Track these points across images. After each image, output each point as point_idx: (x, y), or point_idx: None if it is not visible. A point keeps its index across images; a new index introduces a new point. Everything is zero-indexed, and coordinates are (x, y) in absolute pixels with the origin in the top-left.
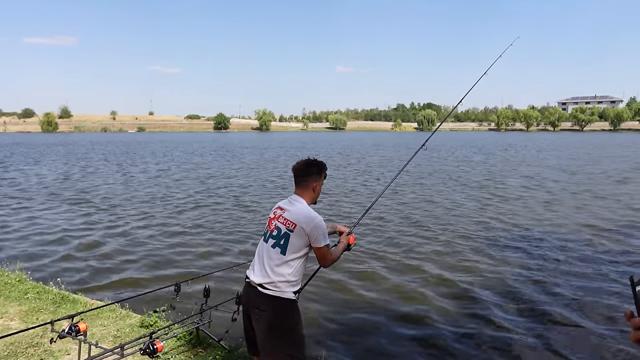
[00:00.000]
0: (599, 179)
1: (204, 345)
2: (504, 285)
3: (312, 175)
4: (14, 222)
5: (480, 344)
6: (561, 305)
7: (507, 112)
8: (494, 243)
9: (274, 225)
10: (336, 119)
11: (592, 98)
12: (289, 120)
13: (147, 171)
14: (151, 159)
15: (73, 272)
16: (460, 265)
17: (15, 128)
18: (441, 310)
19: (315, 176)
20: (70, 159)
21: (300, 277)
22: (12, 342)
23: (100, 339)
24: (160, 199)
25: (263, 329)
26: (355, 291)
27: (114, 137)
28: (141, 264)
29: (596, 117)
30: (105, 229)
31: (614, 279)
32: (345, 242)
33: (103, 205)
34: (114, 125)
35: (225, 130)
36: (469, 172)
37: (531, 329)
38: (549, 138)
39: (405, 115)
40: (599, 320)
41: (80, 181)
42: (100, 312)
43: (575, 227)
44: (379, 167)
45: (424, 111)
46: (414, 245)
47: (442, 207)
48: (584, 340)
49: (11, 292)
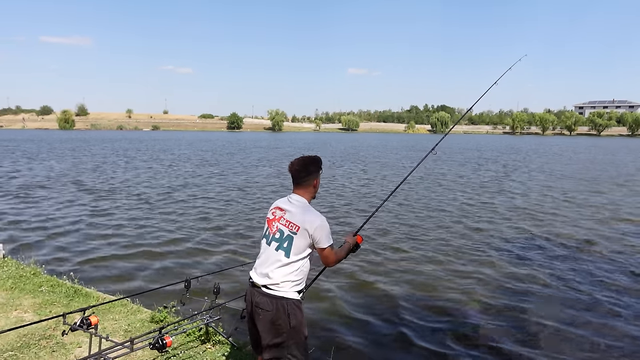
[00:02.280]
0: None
1: (213, 342)
2: (505, 283)
3: (312, 174)
4: (29, 214)
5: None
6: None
7: (523, 116)
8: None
9: (276, 228)
10: (349, 120)
11: (610, 102)
12: (302, 121)
13: (169, 167)
14: (175, 155)
15: (86, 266)
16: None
17: (34, 125)
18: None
19: (315, 174)
20: (89, 153)
21: (304, 277)
22: (25, 334)
23: (111, 332)
24: (177, 197)
25: (266, 328)
26: (362, 289)
27: (131, 135)
28: (153, 260)
29: (614, 122)
30: (119, 224)
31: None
32: (351, 242)
33: (121, 199)
34: (130, 123)
35: (238, 129)
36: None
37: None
38: (559, 142)
39: (419, 117)
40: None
41: (103, 176)
42: (111, 306)
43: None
44: (386, 169)
45: (437, 113)
46: (422, 241)
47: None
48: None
49: (26, 284)
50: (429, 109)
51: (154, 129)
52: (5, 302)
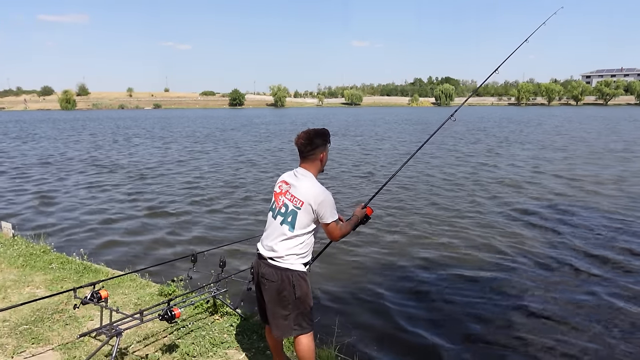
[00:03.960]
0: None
1: (221, 313)
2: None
3: (318, 147)
4: (39, 193)
5: (497, 318)
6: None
7: (529, 86)
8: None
9: (282, 202)
10: (352, 95)
11: (618, 71)
12: (304, 96)
13: (177, 145)
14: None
15: (94, 243)
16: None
17: (36, 106)
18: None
19: (321, 147)
20: (97, 132)
21: (309, 250)
22: (38, 309)
23: (121, 306)
24: (184, 173)
25: (272, 299)
26: (368, 260)
27: (134, 113)
28: (160, 236)
29: (621, 91)
30: (126, 201)
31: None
32: (360, 215)
33: (128, 176)
34: (131, 102)
35: (240, 106)
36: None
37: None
38: (558, 113)
39: (423, 90)
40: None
41: (108, 153)
42: (120, 281)
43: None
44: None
45: (441, 86)
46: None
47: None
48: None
49: (36, 262)
50: (433, 81)
51: (155, 108)
52: (17, 279)
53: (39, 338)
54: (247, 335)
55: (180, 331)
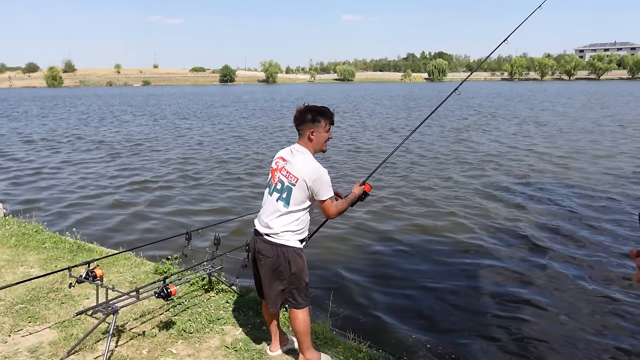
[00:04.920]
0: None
1: (216, 290)
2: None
3: (306, 122)
4: (27, 171)
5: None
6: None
7: (522, 61)
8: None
9: (278, 178)
10: (344, 70)
11: (611, 45)
12: (296, 72)
13: (169, 121)
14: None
15: (87, 222)
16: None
17: (21, 83)
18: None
19: (310, 124)
20: (85, 108)
21: (305, 226)
22: (33, 288)
23: (116, 284)
24: (176, 149)
25: (267, 274)
26: (367, 235)
27: (123, 90)
28: (154, 214)
29: (614, 65)
30: (117, 178)
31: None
32: (358, 192)
33: (120, 154)
34: (119, 79)
35: (231, 82)
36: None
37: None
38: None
39: (416, 65)
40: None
41: (99, 130)
42: (115, 259)
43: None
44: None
45: (434, 61)
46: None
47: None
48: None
49: (29, 242)
50: (426, 56)
51: (144, 84)
52: (10, 258)
53: (36, 317)
54: (243, 312)
55: (177, 308)
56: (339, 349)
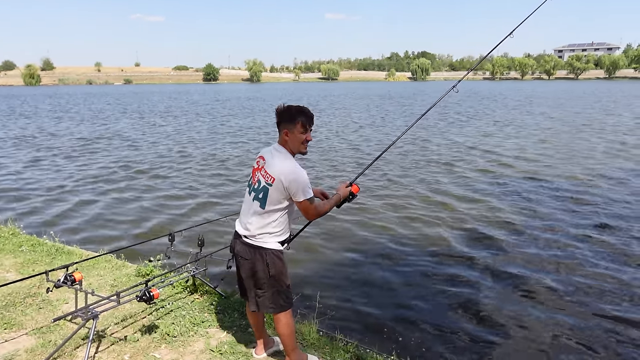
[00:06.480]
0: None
1: (200, 292)
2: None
3: (281, 123)
4: (3, 175)
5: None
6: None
7: (503, 61)
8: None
9: (257, 178)
10: (328, 69)
11: (589, 45)
12: (280, 71)
13: (141, 119)
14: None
15: (66, 225)
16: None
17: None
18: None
19: (285, 124)
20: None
21: (284, 228)
22: (9, 293)
23: (97, 288)
24: (157, 151)
25: (247, 276)
26: (353, 238)
27: (104, 89)
28: (135, 216)
29: (592, 65)
30: (97, 182)
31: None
32: (342, 193)
33: (99, 152)
34: (99, 77)
35: (215, 81)
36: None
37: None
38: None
39: (399, 65)
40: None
41: (77, 133)
42: (96, 262)
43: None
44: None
45: (418, 60)
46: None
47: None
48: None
49: (5, 245)
50: (410, 55)
51: (126, 83)
52: None
53: (12, 323)
54: (228, 314)
55: (160, 312)
56: (326, 349)
